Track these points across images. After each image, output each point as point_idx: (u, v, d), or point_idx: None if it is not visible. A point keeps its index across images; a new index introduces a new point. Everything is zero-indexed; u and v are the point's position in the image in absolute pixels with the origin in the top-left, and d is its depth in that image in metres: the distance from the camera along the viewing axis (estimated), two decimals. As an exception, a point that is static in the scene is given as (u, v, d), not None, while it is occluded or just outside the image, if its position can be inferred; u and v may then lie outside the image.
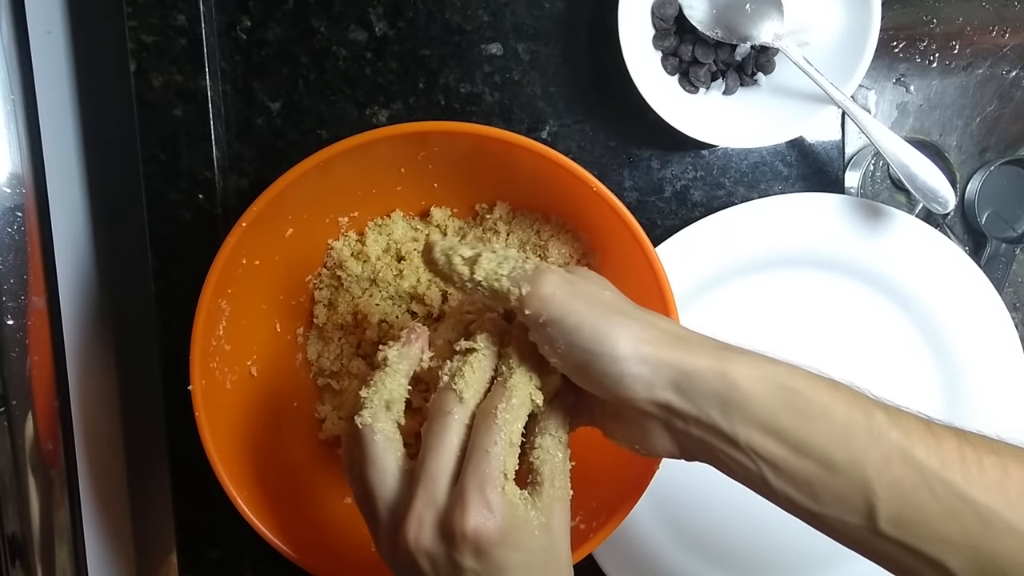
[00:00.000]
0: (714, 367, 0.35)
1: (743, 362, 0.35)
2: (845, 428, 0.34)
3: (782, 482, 0.35)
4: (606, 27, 0.58)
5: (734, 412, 0.35)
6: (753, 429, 0.35)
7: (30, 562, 0.53)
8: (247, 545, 0.58)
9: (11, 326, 0.52)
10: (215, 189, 0.57)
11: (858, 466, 0.34)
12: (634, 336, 0.35)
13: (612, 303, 0.37)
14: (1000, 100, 0.62)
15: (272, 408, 0.53)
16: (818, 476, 0.35)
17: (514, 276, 0.37)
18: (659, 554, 0.61)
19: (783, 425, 0.34)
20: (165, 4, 0.55)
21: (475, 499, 0.34)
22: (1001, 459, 0.34)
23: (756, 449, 0.35)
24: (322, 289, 0.55)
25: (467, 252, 0.39)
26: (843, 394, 0.35)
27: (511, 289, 0.37)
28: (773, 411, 0.35)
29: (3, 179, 0.51)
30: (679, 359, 0.35)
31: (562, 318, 0.35)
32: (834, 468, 0.34)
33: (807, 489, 0.35)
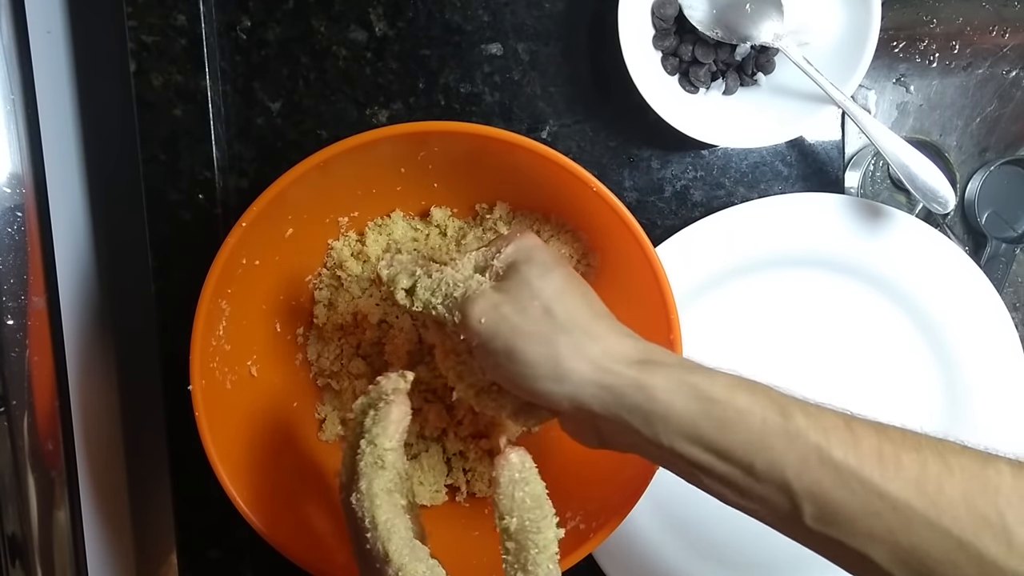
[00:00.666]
0: (633, 381, 0.37)
1: (663, 374, 0.37)
2: (762, 434, 0.35)
3: (711, 480, 0.37)
4: (606, 27, 0.58)
5: (656, 423, 0.36)
6: (676, 438, 0.36)
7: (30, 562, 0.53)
8: (247, 545, 0.58)
9: (11, 326, 0.52)
10: (215, 189, 0.57)
11: (777, 469, 0.35)
12: (552, 357, 0.37)
13: (540, 318, 0.38)
14: (1000, 100, 0.62)
15: (272, 408, 0.53)
16: (742, 479, 0.36)
17: (448, 304, 0.40)
18: (659, 554, 0.61)
19: (703, 434, 0.36)
20: (165, 4, 0.55)
21: None
22: (920, 455, 0.35)
23: (682, 454, 0.37)
24: (322, 289, 0.55)
25: (406, 282, 0.41)
26: (760, 398, 0.36)
27: (446, 316, 0.40)
28: (693, 421, 0.36)
29: (3, 179, 0.51)
30: (600, 375, 0.37)
31: (490, 342, 0.38)
32: (755, 472, 0.35)
33: (735, 489, 0.37)
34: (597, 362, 0.37)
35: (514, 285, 0.39)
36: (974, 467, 0.34)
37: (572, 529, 0.50)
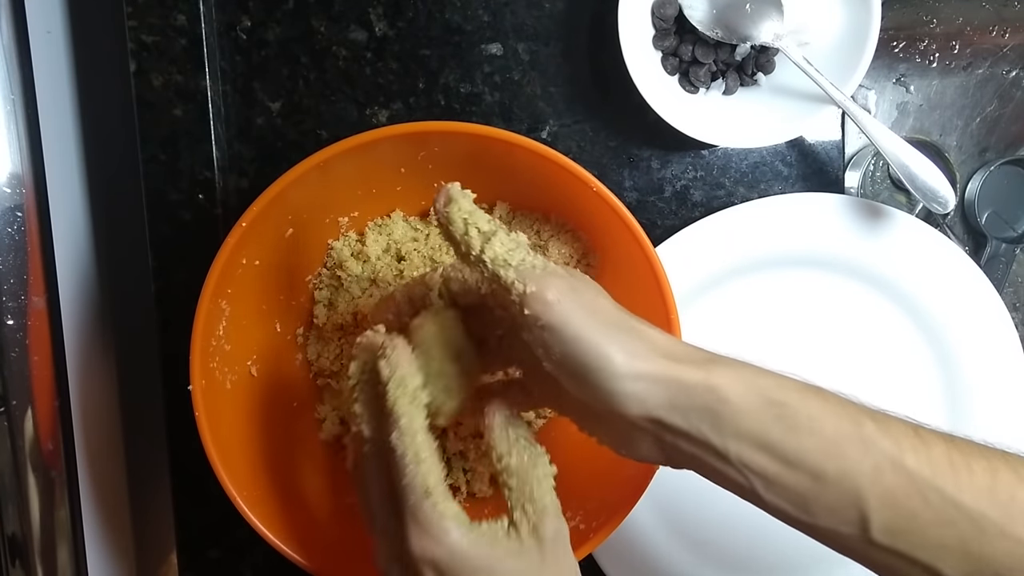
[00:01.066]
0: (705, 382, 0.35)
1: (733, 376, 0.35)
2: (835, 440, 0.34)
3: (772, 494, 0.35)
4: (606, 27, 0.58)
5: (725, 427, 0.35)
6: (744, 444, 0.35)
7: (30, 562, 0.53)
8: (247, 545, 0.59)
9: (11, 326, 0.52)
10: (215, 189, 0.57)
11: (849, 477, 0.34)
12: (630, 352, 0.35)
13: (609, 314, 0.36)
14: (1000, 100, 0.62)
15: (272, 408, 0.53)
16: (809, 488, 0.35)
17: (521, 270, 0.36)
18: (659, 554, 0.61)
19: (773, 439, 0.34)
20: (165, 4, 0.55)
21: (413, 530, 0.35)
22: (990, 463, 0.34)
23: (747, 463, 0.35)
24: (322, 289, 0.55)
25: (484, 225, 0.37)
26: (832, 404, 0.35)
27: (515, 283, 0.36)
28: (764, 426, 0.34)
29: (3, 179, 0.51)
30: (672, 376, 0.35)
31: (562, 327, 0.35)
32: (825, 480, 0.34)
33: (799, 501, 0.35)
34: (665, 361, 0.35)
35: (580, 279, 0.38)
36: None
37: (572, 529, 0.50)
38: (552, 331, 0.35)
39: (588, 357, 0.35)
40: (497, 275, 0.36)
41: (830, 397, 0.36)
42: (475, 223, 0.37)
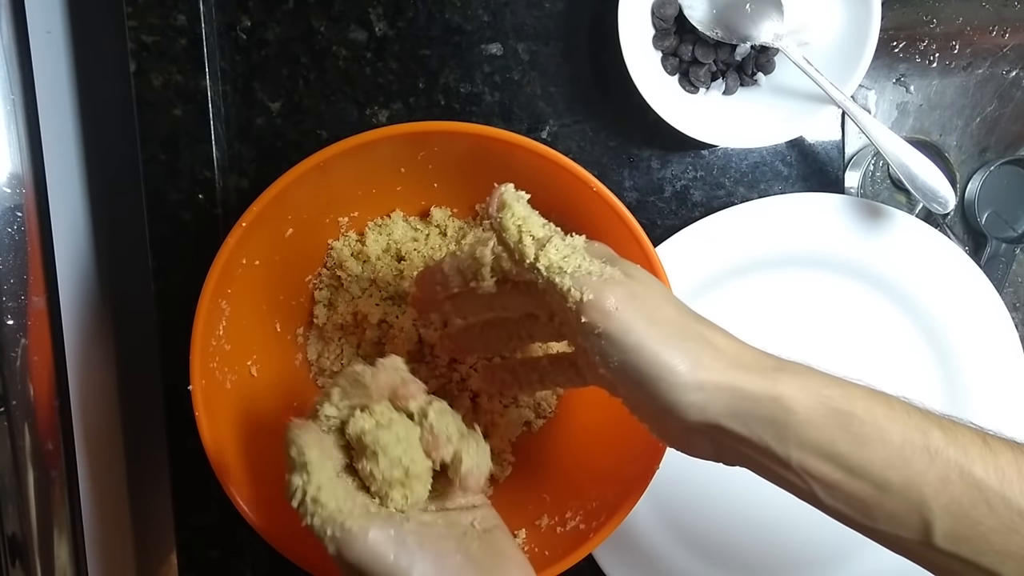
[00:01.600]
0: (769, 392, 0.34)
1: (799, 385, 0.35)
2: (902, 450, 0.34)
3: (834, 500, 0.35)
4: (606, 27, 0.58)
5: (789, 437, 0.34)
6: (807, 453, 0.35)
7: (30, 562, 0.53)
8: (247, 545, 0.58)
9: (11, 326, 0.52)
10: (215, 189, 0.57)
11: (915, 487, 0.34)
12: (692, 362, 0.34)
13: (673, 322, 0.36)
14: (1000, 100, 0.62)
15: (272, 408, 0.53)
16: (873, 496, 0.35)
17: (577, 277, 0.35)
18: (659, 554, 0.61)
19: (839, 450, 0.34)
20: (165, 4, 0.55)
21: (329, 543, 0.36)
22: None
23: (809, 471, 0.35)
24: (322, 289, 0.55)
25: (538, 231, 0.36)
26: (898, 414, 0.35)
27: (571, 290, 0.35)
28: (829, 436, 0.34)
29: (3, 179, 0.51)
30: (735, 385, 0.34)
31: (622, 336, 0.34)
32: (890, 490, 0.34)
33: (860, 507, 0.35)
34: (729, 370, 0.35)
35: (642, 284, 0.36)
36: None
37: (572, 529, 0.50)
38: (611, 340, 0.34)
39: (649, 367, 0.34)
40: (552, 282, 0.35)
41: (896, 405, 0.36)
42: (529, 229, 0.36)
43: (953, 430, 0.35)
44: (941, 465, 0.34)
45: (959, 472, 0.34)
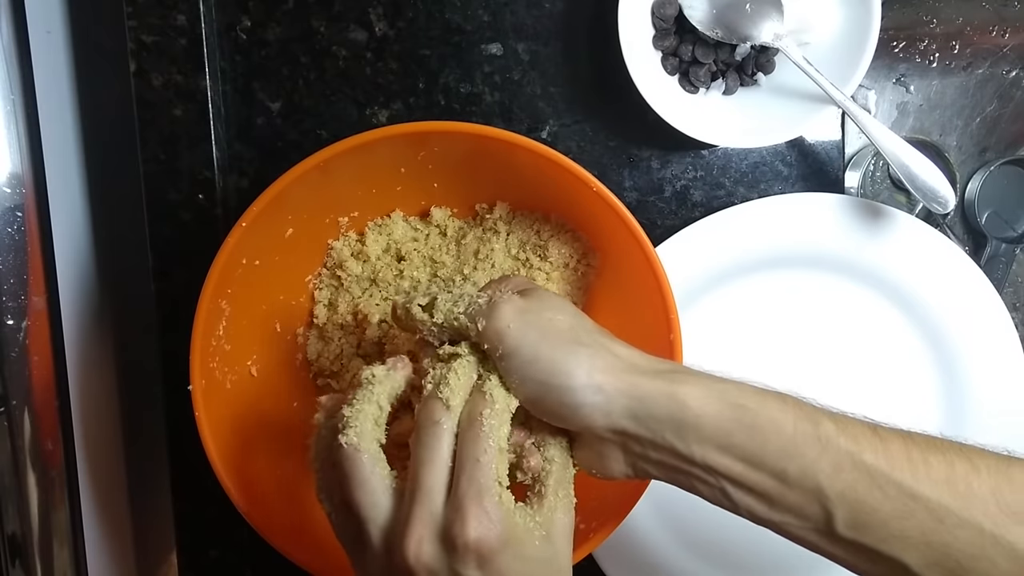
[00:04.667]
0: (665, 390, 0.36)
1: (692, 383, 0.36)
2: (794, 440, 0.35)
3: (741, 494, 0.37)
4: (606, 27, 0.58)
5: (688, 433, 0.36)
6: (708, 448, 0.36)
7: (30, 562, 0.53)
8: (247, 545, 0.58)
9: (11, 326, 0.52)
10: (215, 189, 0.57)
11: (810, 475, 0.35)
12: (587, 365, 0.36)
13: (566, 330, 0.37)
14: (1000, 100, 0.62)
15: (272, 408, 0.53)
16: (774, 488, 0.36)
17: (471, 312, 0.37)
18: (659, 554, 0.61)
19: (736, 441, 0.36)
20: (165, 4, 0.55)
21: (474, 509, 0.34)
22: (947, 456, 0.35)
23: (713, 466, 0.36)
24: (322, 289, 0.55)
25: (423, 300, 0.40)
26: (790, 406, 0.36)
27: (469, 325, 0.37)
28: (725, 429, 0.35)
29: (3, 179, 0.51)
30: (632, 385, 0.36)
31: (517, 350, 0.36)
32: (788, 479, 0.35)
33: (765, 500, 0.36)
34: (626, 373, 0.36)
35: (536, 300, 0.38)
36: (999, 465, 0.35)
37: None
38: (509, 357, 0.36)
39: (547, 375, 0.36)
40: (455, 328, 0.38)
41: (788, 399, 0.37)
42: (415, 303, 0.40)
43: (844, 421, 0.36)
44: (833, 453, 0.35)
45: (850, 460, 0.35)
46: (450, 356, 0.38)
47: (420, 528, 0.34)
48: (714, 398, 0.36)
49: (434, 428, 0.36)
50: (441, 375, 0.37)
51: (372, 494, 0.36)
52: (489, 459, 0.35)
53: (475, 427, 0.36)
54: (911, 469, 0.35)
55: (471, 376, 0.38)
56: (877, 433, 0.36)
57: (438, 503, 0.35)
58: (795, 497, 0.36)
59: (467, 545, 0.33)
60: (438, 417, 0.36)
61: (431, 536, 0.34)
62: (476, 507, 0.34)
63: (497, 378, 0.37)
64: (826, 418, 0.36)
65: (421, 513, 0.34)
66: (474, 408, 0.36)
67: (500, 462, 0.35)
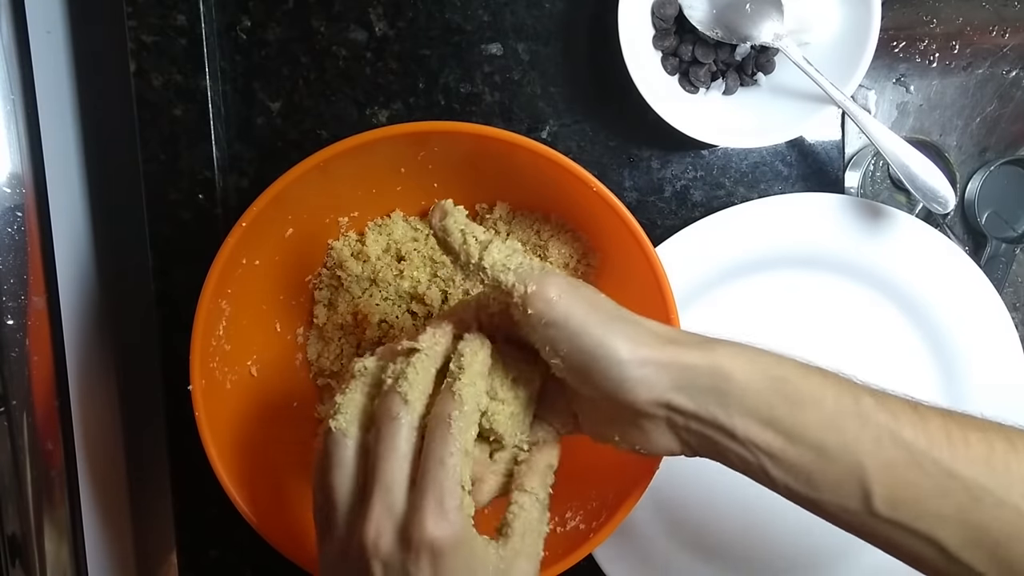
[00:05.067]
0: (709, 362, 0.36)
1: (734, 355, 0.36)
2: (835, 414, 0.35)
3: (780, 471, 0.36)
4: (606, 27, 0.58)
5: (731, 404, 0.36)
6: (750, 420, 0.36)
7: (30, 562, 0.53)
8: (247, 545, 0.58)
9: (11, 326, 0.52)
10: (215, 189, 0.57)
11: (850, 450, 0.35)
12: (633, 340, 0.36)
13: (610, 308, 0.37)
14: (1000, 100, 0.62)
15: (272, 408, 0.53)
16: (813, 462, 0.36)
17: (520, 272, 0.37)
18: (659, 554, 0.61)
19: (777, 415, 0.35)
20: (165, 4, 0.55)
21: (433, 509, 0.34)
22: (986, 435, 0.35)
23: (753, 440, 0.36)
24: (322, 289, 0.55)
25: (480, 235, 0.38)
26: (831, 381, 0.36)
27: (516, 285, 0.37)
28: (767, 401, 0.35)
29: (3, 179, 0.51)
30: (676, 358, 0.36)
31: (566, 321, 0.36)
32: (827, 454, 0.35)
33: (804, 476, 0.36)
34: (669, 345, 0.36)
35: (577, 279, 0.39)
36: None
37: (572, 529, 0.50)
38: (557, 327, 0.36)
39: (594, 347, 0.36)
40: (498, 280, 0.37)
41: (829, 375, 0.37)
42: (472, 232, 0.38)
43: (883, 397, 0.36)
44: (873, 428, 0.35)
45: (890, 435, 0.35)
46: (409, 351, 0.38)
47: (379, 520, 0.34)
48: (757, 370, 0.36)
49: (392, 423, 0.36)
50: (400, 370, 0.37)
51: (344, 479, 0.36)
52: (455, 461, 0.35)
53: (443, 428, 0.35)
54: (950, 447, 0.35)
55: (430, 371, 0.38)
56: (917, 410, 0.36)
57: (398, 498, 0.35)
58: (834, 473, 0.35)
59: (422, 542, 0.34)
60: (396, 412, 0.36)
61: (390, 529, 0.34)
62: (435, 506, 0.34)
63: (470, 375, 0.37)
64: (866, 394, 0.36)
65: (380, 506, 0.35)
66: (443, 408, 0.36)
67: (464, 465, 0.35)
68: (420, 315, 0.55)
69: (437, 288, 0.54)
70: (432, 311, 0.54)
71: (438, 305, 0.54)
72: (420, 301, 0.54)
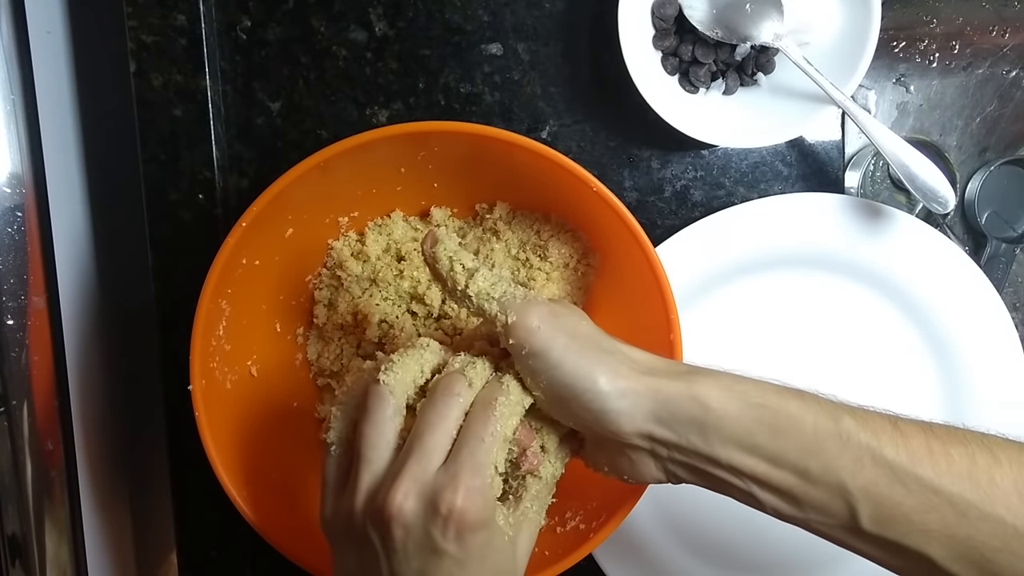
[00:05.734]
0: (687, 391, 0.36)
1: (712, 384, 0.36)
2: (815, 437, 0.36)
3: (766, 494, 0.37)
4: (606, 27, 0.58)
5: (711, 433, 0.36)
6: (731, 448, 0.36)
7: (30, 562, 0.53)
8: (247, 545, 0.59)
9: (11, 326, 0.52)
10: (215, 189, 0.57)
11: (832, 472, 0.35)
12: (612, 371, 0.36)
13: (590, 337, 0.38)
14: (1000, 100, 0.62)
15: (272, 408, 0.53)
16: (798, 486, 0.36)
17: (503, 301, 0.38)
18: (659, 554, 0.61)
19: (758, 441, 0.36)
20: (165, 4, 0.55)
21: (467, 481, 0.34)
22: (968, 449, 0.36)
23: (737, 466, 0.36)
24: (322, 289, 0.55)
25: (468, 263, 0.39)
26: (810, 403, 0.37)
27: (498, 314, 0.38)
28: (747, 428, 0.36)
29: (3, 179, 0.51)
30: (653, 388, 0.36)
31: (546, 352, 0.36)
32: (811, 477, 0.36)
33: (790, 499, 0.36)
34: (647, 376, 0.36)
35: (562, 307, 0.39)
36: (1021, 456, 0.35)
37: (572, 529, 0.50)
38: (536, 357, 0.36)
39: (573, 379, 0.36)
40: (482, 308, 0.38)
41: (808, 396, 0.37)
42: (460, 260, 0.39)
43: (864, 416, 0.36)
44: (854, 449, 0.35)
45: (871, 455, 0.35)
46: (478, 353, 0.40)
47: (410, 483, 0.35)
48: (735, 398, 0.36)
49: (451, 399, 0.37)
50: (469, 359, 0.39)
51: (381, 436, 0.37)
52: (493, 442, 0.36)
53: (487, 410, 0.36)
54: (932, 463, 0.35)
55: (490, 372, 0.39)
56: (897, 427, 0.36)
57: (433, 466, 0.35)
58: (819, 494, 0.36)
59: (451, 512, 0.34)
60: (458, 390, 0.37)
61: (417, 493, 0.35)
62: (470, 480, 0.34)
63: (514, 376, 0.38)
64: (846, 414, 0.36)
65: (415, 470, 0.35)
66: (490, 393, 0.37)
67: (500, 449, 0.36)
68: (420, 315, 0.55)
69: (437, 288, 0.54)
70: (432, 311, 0.54)
71: (438, 305, 0.54)
72: (420, 301, 0.54)
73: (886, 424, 0.36)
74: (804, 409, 0.36)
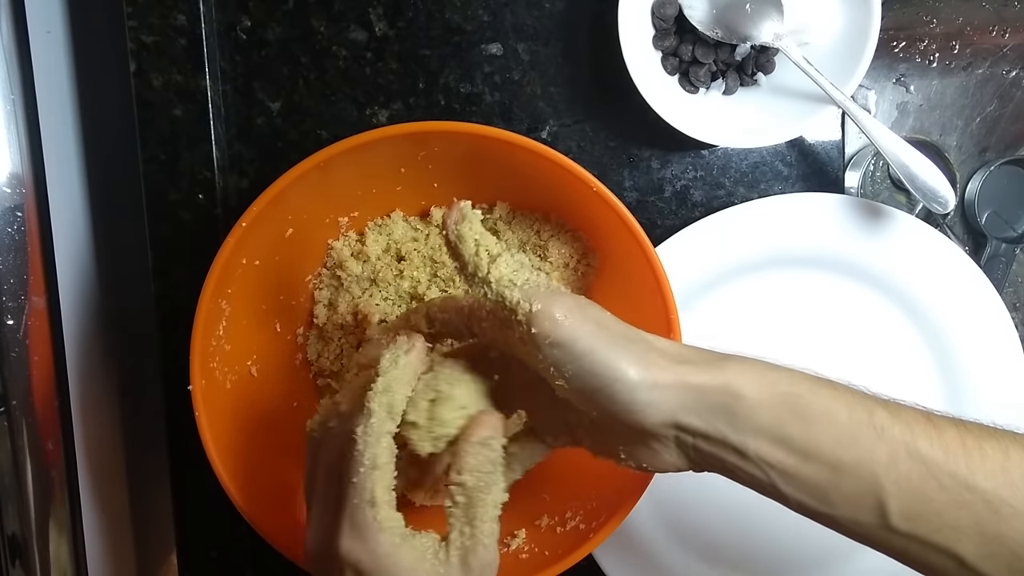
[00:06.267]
0: (719, 381, 0.35)
1: (744, 372, 0.36)
2: (849, 429, 0.35)
3: (793, 488, 0.36)
4: (606, 27, 0.58)
5: (742, 423, 0.35)
6: (761, 439, 0.35)
7: (30, 562, 0.53)
8: (247, 545, 0.59)
9: (11, 326, 0.52)
10: (215, 189, 0.57)
11: (865, 465, 0.34)
12: (642, 362, 0.35)
13: (616, 327, 0.36)
14: (1000, 100, 0.62)
15: (272, 408, 0.53)
16: (828, 479, 0.35)
17: (526, 289, 0.36)
18: (659, 554, 0.61)
19: (789, 432, 0.35)
20: (165, 4, 0.55)
21: (346, 528, 0.34)
22: (1001, 444, 0.35)
23: (765, 458, 0.35)
24: (322, 289, 0.55)
25: (493, 247, 0.37)
26: (843, 394, 0.36)
27: (520, 302, 0.36)
28: (779, 418, 0.35)
29: (3, 179, 0.51)
30: (685, 379, 0.35)
31: (572, 342, 0.35)
32: (842, 470, 0.35)
33: (818, 493, 0.35)
34: (677, 365, 0.35)
35: (583, 298, 0.37)
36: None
37: (572, 529, 0.50)
38: (562, 347, 0.35)
39: (602, 369, 0.35)
40: (502, 295, 0.36)
41: (841, 388, 0.36)
42: (485, 244, 0.37)
43: (897, 409, 0.36)
44: (888, 442, 0.35)
45: (906, 449, 0.34)
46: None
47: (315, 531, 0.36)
48: (767, 386, 0.35)
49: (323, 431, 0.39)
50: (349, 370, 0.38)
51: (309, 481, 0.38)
52: (362, 479, 0.34)
53: (349, 446, 0.35)
54: (966, 458, 0.34)
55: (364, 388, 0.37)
56: (931, 421, 0.35)
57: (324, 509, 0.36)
58: (849, 488, 0.35)
59: (343, 559, 0.34)
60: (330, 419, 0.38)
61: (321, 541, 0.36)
62: (349, 526, 0.34)
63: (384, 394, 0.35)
64: (879, 406, 0.36)
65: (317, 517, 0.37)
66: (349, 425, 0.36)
67: (378, 480, 0.34)
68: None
69: (437, 288, 0.54)
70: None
71: (438, 305, 0.54)
72: (420, 301, 0.54)
73: (920, 417, 0.35)
74: (837, 399, 0.35)
